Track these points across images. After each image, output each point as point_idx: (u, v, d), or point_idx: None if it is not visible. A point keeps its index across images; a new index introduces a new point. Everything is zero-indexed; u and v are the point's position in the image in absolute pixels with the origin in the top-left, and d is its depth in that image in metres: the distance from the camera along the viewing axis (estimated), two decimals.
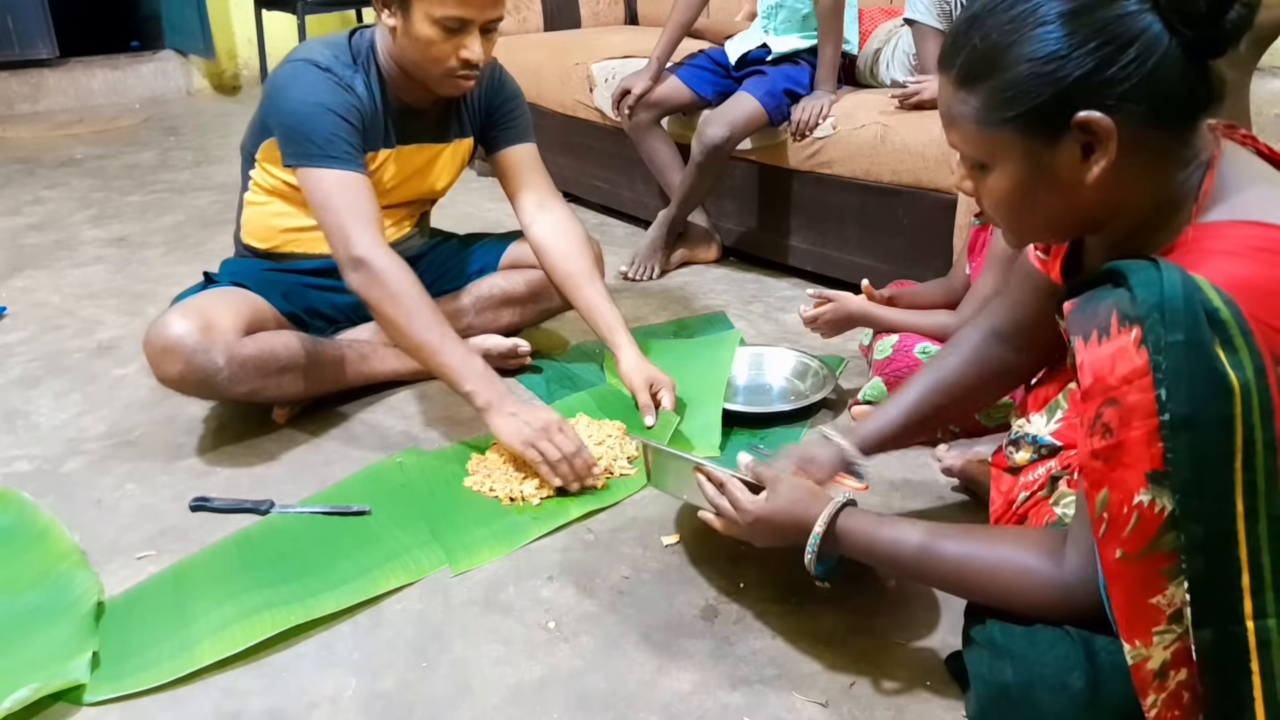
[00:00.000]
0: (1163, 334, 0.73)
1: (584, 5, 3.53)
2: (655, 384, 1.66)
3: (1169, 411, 0.72)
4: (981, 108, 0.84)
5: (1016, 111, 0.81)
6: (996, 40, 0.81)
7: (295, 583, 1.27)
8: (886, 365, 1.59)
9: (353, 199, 1.53)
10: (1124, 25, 0.77)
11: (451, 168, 1.82)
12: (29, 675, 1.09)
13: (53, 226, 2.91)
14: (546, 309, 1.95)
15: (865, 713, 1.07)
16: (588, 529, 1.41)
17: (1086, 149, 0.81)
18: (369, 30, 1.67)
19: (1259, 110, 2.91)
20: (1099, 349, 0.77)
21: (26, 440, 1.68)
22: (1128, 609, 0.77)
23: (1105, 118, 0.78)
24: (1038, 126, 0.82)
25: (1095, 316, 0.78)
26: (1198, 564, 0.74)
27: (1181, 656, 0.76)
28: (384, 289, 1.50)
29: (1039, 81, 0.79)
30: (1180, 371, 0.72)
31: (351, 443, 1.66)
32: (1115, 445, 0.75)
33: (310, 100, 1.55)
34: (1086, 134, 0.80)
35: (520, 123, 1.82)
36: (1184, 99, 0.80)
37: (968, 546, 0.96)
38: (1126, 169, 0.81)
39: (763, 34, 2.39)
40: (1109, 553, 0.77)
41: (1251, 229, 0.79)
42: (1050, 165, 0.83)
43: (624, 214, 2.96)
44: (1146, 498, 0.74)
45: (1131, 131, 0.79)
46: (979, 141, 0.86)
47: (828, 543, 1.04)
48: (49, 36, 4.69)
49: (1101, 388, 0.76)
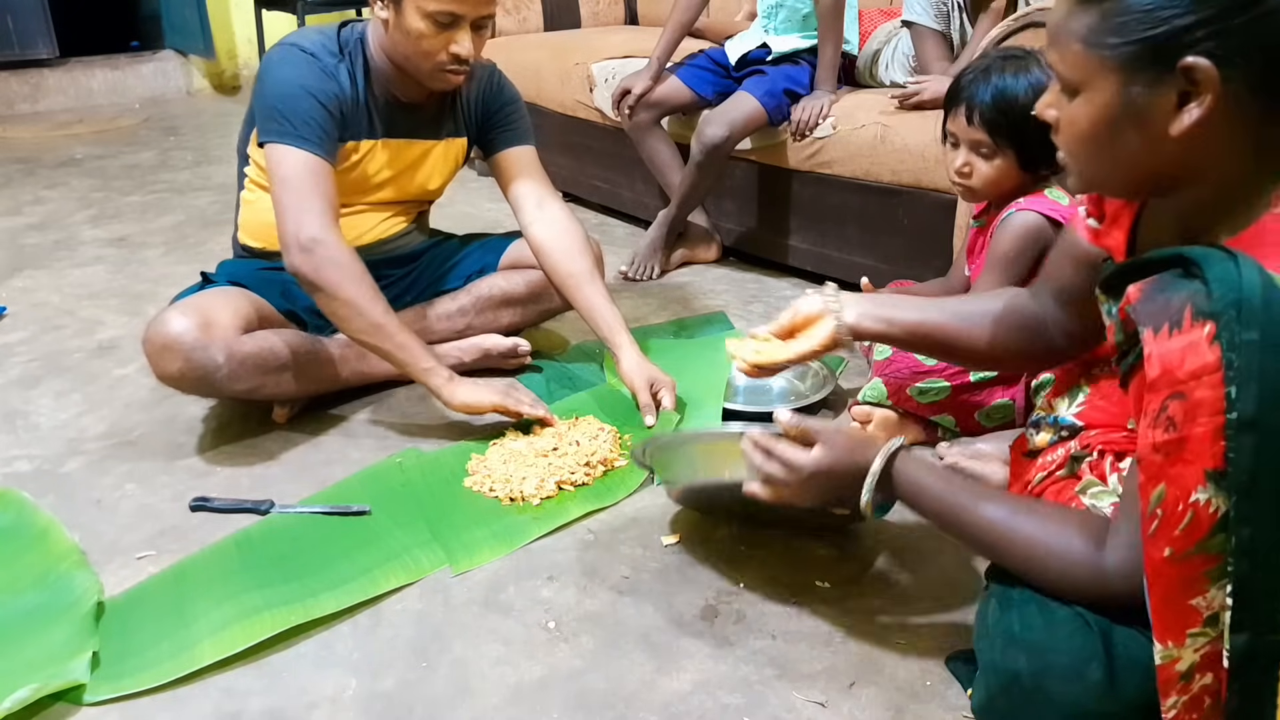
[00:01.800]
0: (1238, 331, 0.71)
1: (584, 5, 3.53)
2: (656, 384, 1.66)
3: (1236, 410, 0.71)
4: (1092, 28, 0.81)
5: (1126, 39, 0.79)
6: None
7: (295, 583, 1.27)
8: (886, 366, 1.59)
9: (314, 182, 1.54)
10: None
11: (444, 167, 1.82)
12: (29, 675, 1.09)
13: (53, 226, 2.91)
14: (546, 309, 1.95)
15: (865, 713, 1.07)
16: (588, 529, 1.41)
17: (1183, 97, 0.78)
18: (361, 24, 1.68)
19: None
20: (1169, 341, 0.75)
21: (26, 440, 1.68)
22: (1166, 609, 0.76)
23: (1213, 67, 0.75)
24: (1142, 62, 0.79)
25: (1168, 308, 0.75)
26: (1244, 567, 0.73)
27: (1210, 661, 0.75)
28: (341, 271, 1.51)
29: (1158, 16, 0.77)
30: (1252, 371, 0.71)
31: (351, 443, 1.66)
32: (1178, 440, 0.74)
33: (293, 80, 1.57)
34: (1188, 81, 0.77)
35: (519, 126, 1.83)
36: None
37: (1012, 511, 0.95)
38: (1217, 130, 0.79)
39: (763, 34, 2.39)
40: (1157, 550, 0.76)
41: None
42: (1141, 105, 0.80)
43: (624, 214, 2.96)
44: (1203, 496, 0.73)
45: (1235, 92, 0.76)
46: (1079, 62, 0.82)
47: (882, 486, 1.03)
48: (49, 36, 4.70)
49: (1169, 380, 0.74)
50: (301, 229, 1.51)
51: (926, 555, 1.33)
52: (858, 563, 1.32)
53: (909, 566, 1.31)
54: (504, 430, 1.63)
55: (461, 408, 1.58)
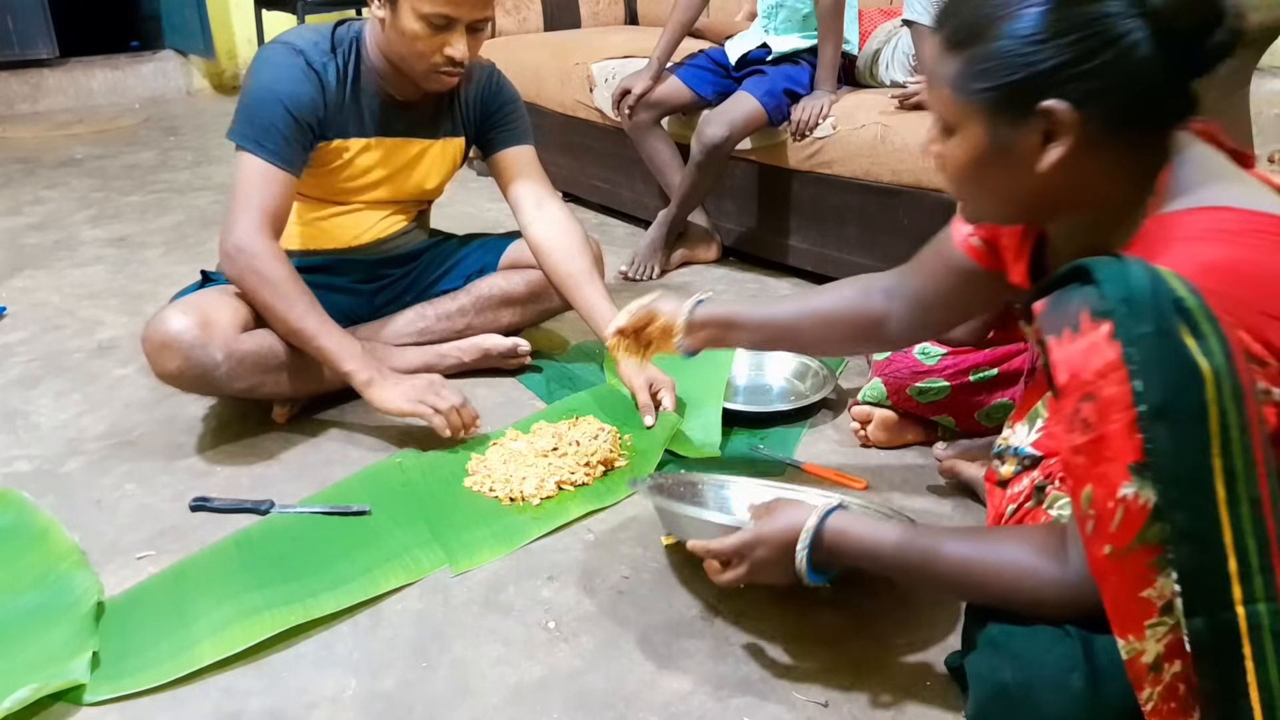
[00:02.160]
0: (1132, 326, 0.74)
1: (584, 5, 3.53)
2: (655, 384, 1.66)
3: (1145, 402, 0.73)
4: (959, 74, 0.86)
5: (988, 85, 0.84)
6: (986, 13, 0.84)
7: (295, 583, 1.27)
8: (886, 366, 1.59)
9: (261, 191, 1.57)
10: (1108, 26, 0.79)
11: (442, 167, 1.82)
12: (29, 675, 1.09)
13: (53, 226, 2.91)
14: (546, 309, 1.95)
15: (865, 713, 1.07)
16: (588, 529, 1.41)
17: (1046, 136, 0.83)
18: (359, 22, 1.69)
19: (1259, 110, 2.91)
20: (1071, 345, 0.77)
21: (26, 440, 1.68)
22: (1119, 604, 0.78)
23: (1070, 109, 0.81)
24: (1005, 104, 0.84)
25: (1065, 314, 0.79)
26: (1184, 553, 0.74)
27: (1175, 649, 0.76)
28: (265, 277, 1.54)
29: (1014, 61, 0.82)
30: (1153, 362, 0.73)
31: (351, 443, 1.66)
32: (1096, 440, 0.76)
33: (270, 86, 1.59)
34: (1049, 122, 0.82)
35: (518, 125, 1.83)
36: (1155, 109, 0.82)
37: (970, 547, 0.95)
38: (1082, 164, 0.84)
39: (763, 34, 2.39)
40: (1098, 549, 0.78)
41: (1209, 214, 0.81)
42: (1008, 144, 0.85)
43: (624, 214, 2.96)
44: (1130, 490, 0.75)
45: (1094, 130, 0.82)
46: (950, 105, 0.88)
47: (820, 552, 1.02)
48: (49, 36, 4.70)
49: (1077, 384, 0.76)
50: (229, 235, 1.55)
51: None
52: None
53: None
54: (504, 430, 1.63)
55: (381, 411, 1.56)
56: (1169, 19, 0.77)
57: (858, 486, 1.50)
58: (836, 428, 1.70)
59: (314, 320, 1.55)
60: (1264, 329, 0.76)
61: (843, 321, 1.28)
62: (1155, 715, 0.77)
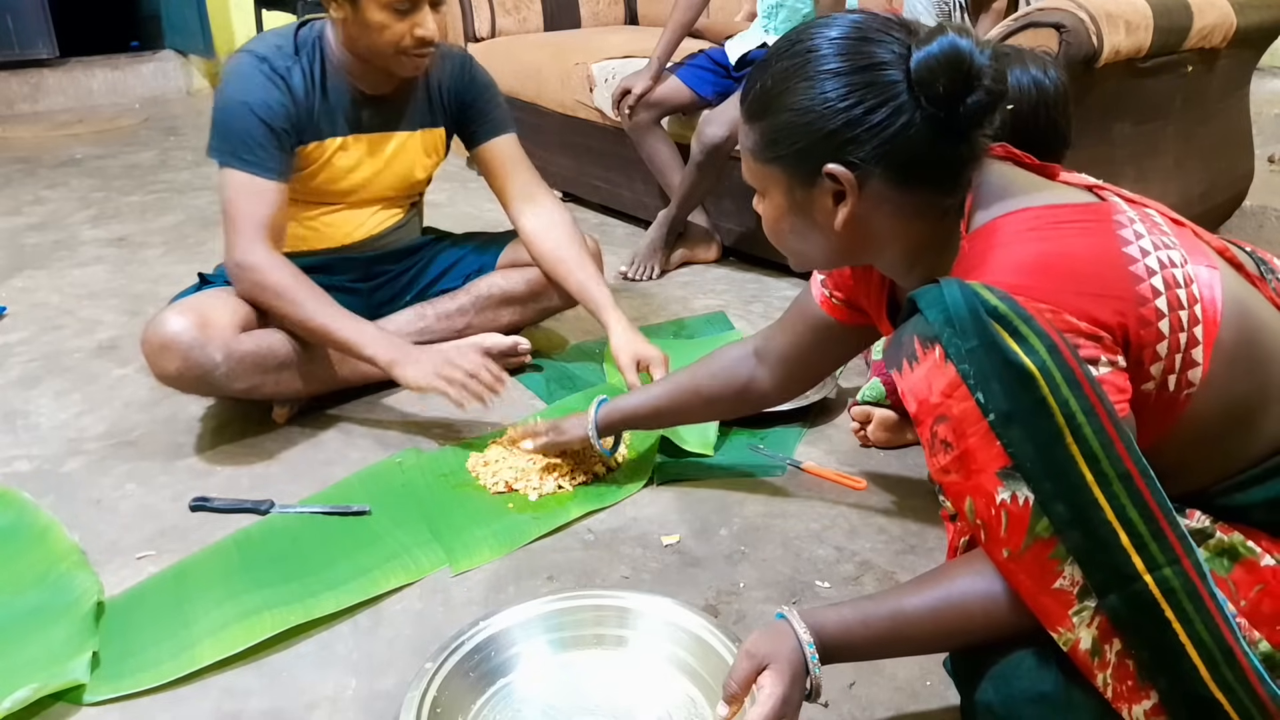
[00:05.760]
0: (960, 344, 0.78)
1: (584, 5, 3.53)
2: (644, 360, 1.64)
3: (992, 410, 0.77)
4: (757, 143, 0.91)
5: (779, 153, 0.89)
6: (772, 86, 0.89)
7: (295, 583, 1.27)
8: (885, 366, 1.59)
9: (249, 205, 1.58)
10: (877, 92, 0.83)
11: (425, 158, 1.82)
12: (29, 675, 1.09)
13: (53, 226, 2.91)
14: (546, 308, 1.95)
15: (865, 713, 1.07)
16: (588, 529, 1.41)
17: (837, 196, 0.88)
18: (320, 21, 1.68)
19: (1259, 110, 2.91)
20: (913, 374, 0.81)
21: (26, 440, 1.68)
22: (1037, 600, 0.79)
23: (847, 172, 0.85)
24: (796, 169, 0.89)
25: (901, 347, 0.83)
26: (1075, 539, 0.76)
27: (1107, 630, 0.77)
28: (270, 288, 1.57)
29: (797, 130, 0.87)
30: (985, 373, 0.77)
31: (351, 443, 1.66)
32: (960, 456, 0.79)
33: (237, 99, 1.58)
34: (835, 183, 0.87)
35: (496, 114, 1.83)
36: (931, 167, 0.86)
37: (930, 594, 0.89)
38: (877, 216, 0.89)
39: (763, 34, 2.39)
40: (998, 554, 0.80)
41: (1011, 218, 0.85)
42: (806, 205, 0.91)
43: (624, 214, 2.96)
44: (1006, 494, 0.77)
45: (879, 187, 0.86)
46: (754, 172, 0.94)
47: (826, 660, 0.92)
48: (49, 36, 4.70)
49: (927, 408, 0.81)
50: (229, 256, 1.58)
51: (927, 555, 1.33)
52: (858, 563, 1.32)
53: (909, 567, 1.31)
54: (504, 429, 1.63)
55: (412, 388, 1.57)
56: (925, 84, 0.81)
57: (858, 487, 1.50)
58: (836, 428, 1.70)
59: (326, 315, 1.56)
60: (1086, 307, 0.78)
61: (715, 394, 1.35)
62: (1118, 699, 0.78)
